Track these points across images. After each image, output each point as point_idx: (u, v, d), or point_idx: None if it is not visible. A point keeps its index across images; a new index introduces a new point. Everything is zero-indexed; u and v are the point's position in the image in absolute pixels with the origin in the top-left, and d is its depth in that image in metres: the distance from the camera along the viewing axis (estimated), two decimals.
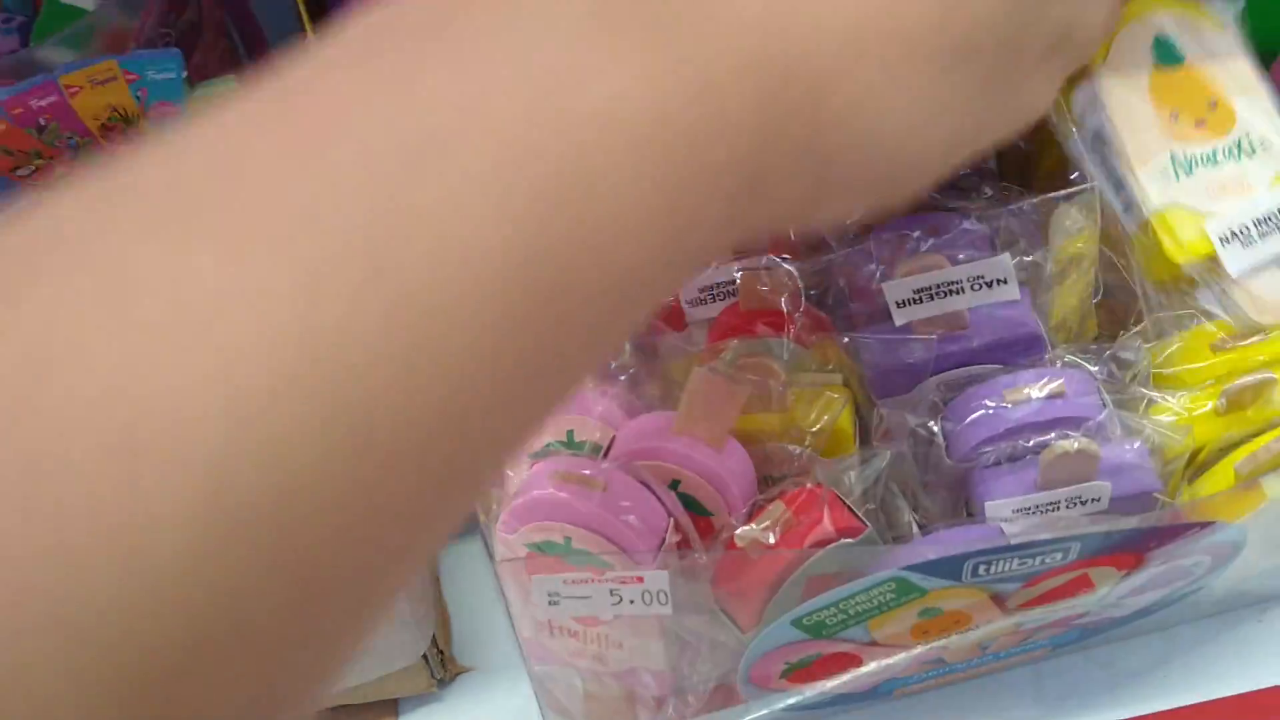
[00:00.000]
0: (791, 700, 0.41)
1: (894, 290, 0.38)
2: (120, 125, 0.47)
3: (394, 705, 0.46)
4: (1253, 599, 0.45)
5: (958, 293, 0.37)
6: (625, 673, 0.39)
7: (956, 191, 0.40)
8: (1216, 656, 0.44)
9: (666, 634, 0.37)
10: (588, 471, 0.35)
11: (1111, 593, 0.37)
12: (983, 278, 0.37)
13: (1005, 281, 0.37)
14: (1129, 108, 0.37)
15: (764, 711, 0.41)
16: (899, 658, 0.38)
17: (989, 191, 0.40)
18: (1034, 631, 0.40)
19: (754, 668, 0.37)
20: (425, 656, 0.44)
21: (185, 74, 0.47)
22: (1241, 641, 0.44)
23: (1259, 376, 0.34)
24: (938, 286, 0.37)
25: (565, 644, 0.38)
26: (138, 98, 0.47)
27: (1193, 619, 0.44)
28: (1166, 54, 0.38)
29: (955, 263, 0.37)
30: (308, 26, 0.46)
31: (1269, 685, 0.43)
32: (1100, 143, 0.38)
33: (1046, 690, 0.44)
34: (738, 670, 0.38)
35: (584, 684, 0.40)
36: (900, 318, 0.38)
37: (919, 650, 0.38)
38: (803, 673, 0.38)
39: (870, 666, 0.39)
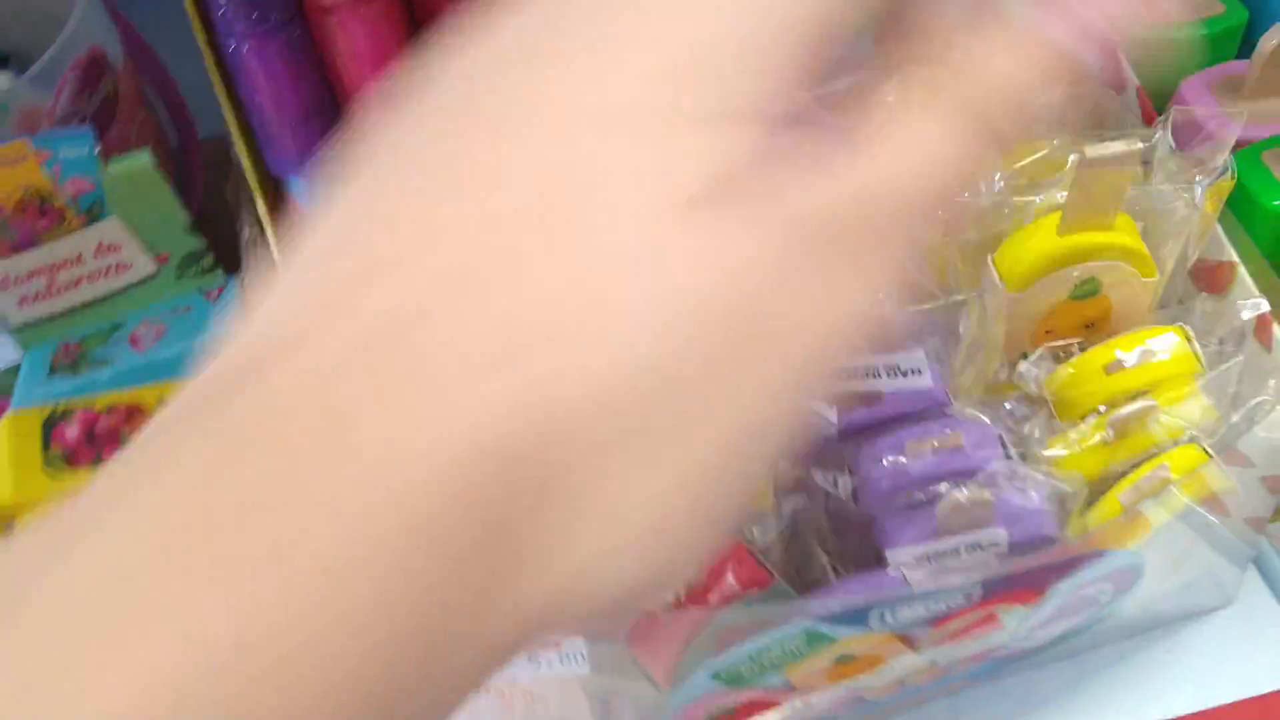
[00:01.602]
0: None
1: None
2: (35, 202, 0.47)
3: None
4: (1164, 619, 0.46)
5: (874, 376, 0.39)
6: None
7: None
8: (1127, 681, 0.46)
9: (590, 694, 0.38)
10: None
11: (1021, 626, 0.39)
12: (898, 367, 0.39)
13: (919, 372, 0.39)
14: None
15: None
16: (820, 698, 0.40)
17: None
18: (950, 667, 0.41)
19: (677, 717, 0.38)
20: None
21: (98, 150, 0.47)
22: (1152, 665, 0.46)
23: (1141, 404, 0.36)
24: (855, 368, 0.39)
25: (491, 705, 0.38)
26: (50, 176, 0.47)
27: (1104, 644, 0.46)
28: None
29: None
30: (219, 87, 0.46)
31: (1181, 714, 0.45)
32: None
33: None
34: None
35: None
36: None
37: (838, 692, 0.39)
38: (726, 718, 0.39)
39: (792, 708, 0.40)
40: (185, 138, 0.57)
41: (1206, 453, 0.38)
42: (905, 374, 0.37)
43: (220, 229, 0.52)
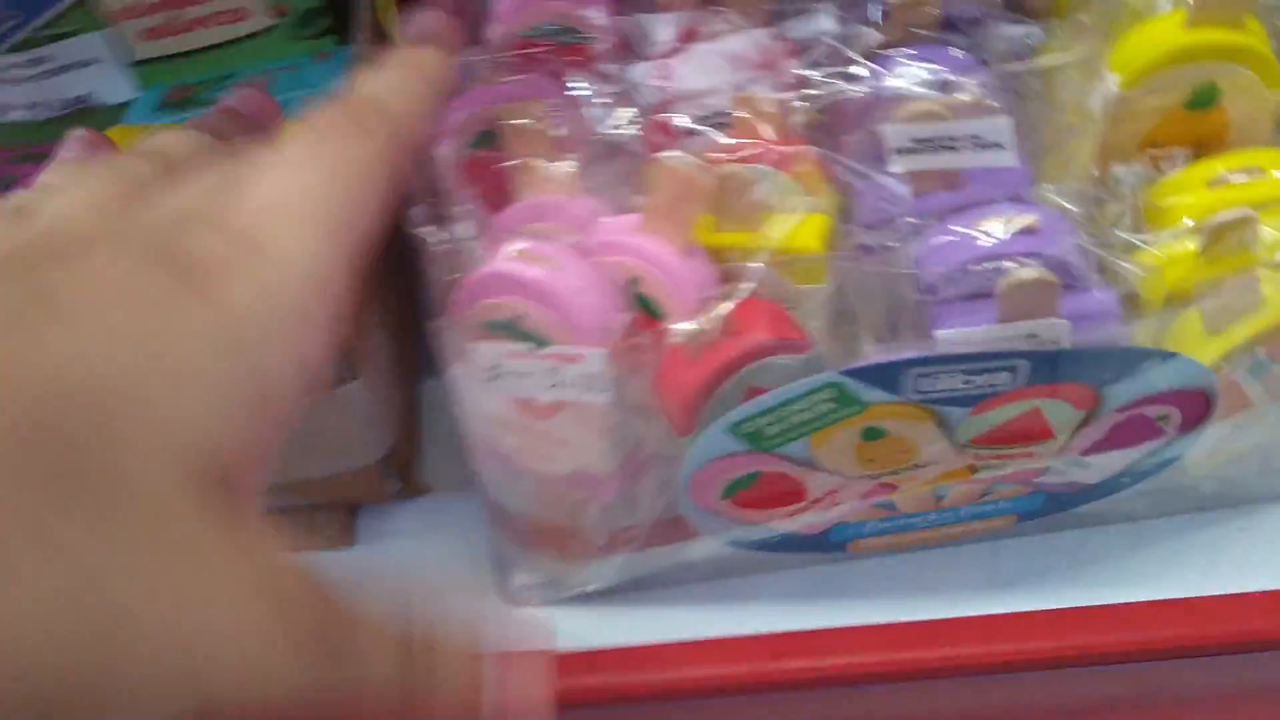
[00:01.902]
0: (740, 534, 0.40)
1: (894, 135, 0.37)
2: None
3: (351, 514, 0.46)
4: (1246, 497, 0.43)
5: (952, 149, 0.37)
6: (573, 479, 0.39)
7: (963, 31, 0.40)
8: (1189, 552, 0.43)
9: (610, 433, 0.37)
10: (548, 251, 0.35)
11: (1071, 441, 0.36)
12: (980, 138, 0.36)
13: (1001, 146, 0.36)
14: None
15: (711, 547, 0.41)
16: (847, 491, 0.38)
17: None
18: (992, 485, 0.39)
19: (693, 481, 0.37)
20: (381, 464, 0.44)
21: None
22: (1219, 541, 0.43)
23: (1239, 213, 0.33)
24: (936, 139, 0.37)
25: (512, 441, 0.38)
26: None
27: (1174, 512, 0.43)
28: None
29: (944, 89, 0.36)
30: None
31: (1232, 591, 0.41)
32: None
33: (1002, 569, 0.43)
34: (678, 483, 0.38)
35: (533, 495, 0.41)
36: (897, 165, 0.37)
37: (867, 483, 0.38)
38: (745, 495, 0.38)
39: (820, 500, 0.38)
40: None
41: None
42: (987, 146, 0.35)
43: None
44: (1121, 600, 0.42)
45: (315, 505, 0.45)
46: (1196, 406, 0.36)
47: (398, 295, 0.49)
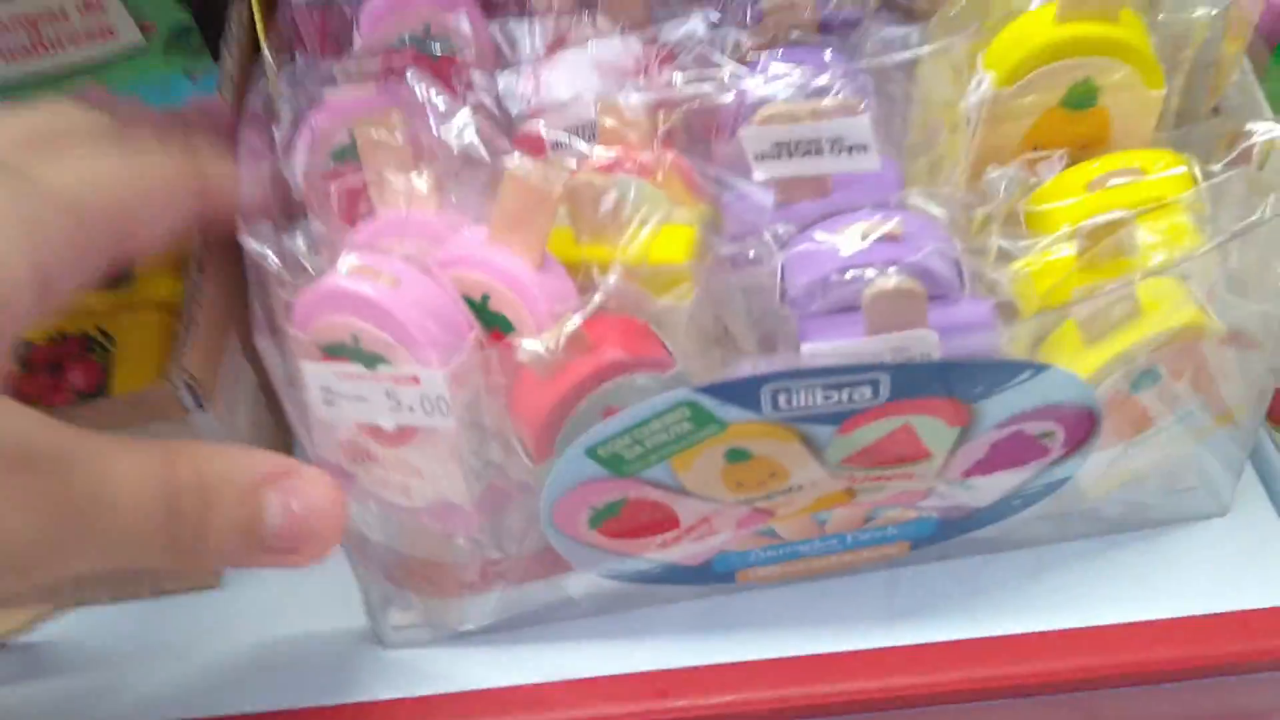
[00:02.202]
0: (616, 566, 0.38)
1: (753, 140, 0.35)
2: None
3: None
4: (1147, 521, 0.41)
5: (815, 152, 0.35)
6: (433, 510, 0.36)
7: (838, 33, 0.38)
8: (1090, 578, 0.41)
9: (465, 461, 0.34)
10: (385, 266, 0.33)
11: (950, 461, 0.34)
12: (842, 140, 0.34)
13: (865, 148, 0.34)
14: None
15: (591, 581, 0.39)
16: (721, 519, 0.36)
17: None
18: (875, 509, 0.37)
19: (556, 509, 0.35)
20: None
21: None
22: (1121, 566, 0.41)
23: (1116, 214, 0.31)
24: (796, 142, 0.35)
25: (365, 471, 0.36)
26: None
27: (1074, 538, 0.41)
28: None
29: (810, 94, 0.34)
30: None
31: (1138, 619, 0.39)
32: None
33: (899, 599, 0.41)
34: (543, 512, 0.35)
35: (394, 530, 0.38)
36: (760, 172, 0.35)
37: (741, 509, 0.35)
38: (614, 524, 0.36)
39: (694, 527, 0.36)
40: None
41: (1188, 290, 0.33)
42: (850, 149, 0.33)
43: (213, 11, 0.51)
44: (1022, 630, 0.40)
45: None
46: (1081, 422, 0.34)
47: None
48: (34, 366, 0.41)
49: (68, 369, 0.40)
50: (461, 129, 0.39)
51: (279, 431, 0.46)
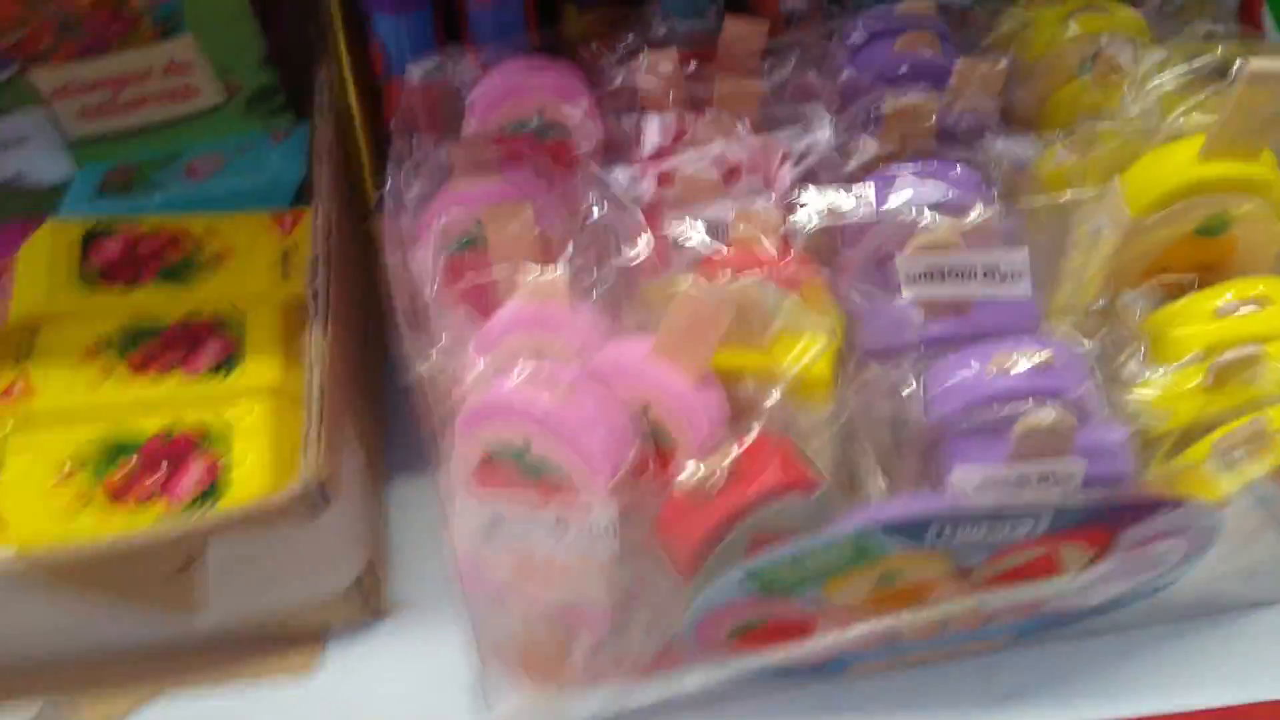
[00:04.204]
0: (739, 664, 0.39)
1: (906, 266, 0.36)
2: (110, 3, 0.46)
3: (321, 636, 0.43)
4: (1223, 605, 0.43)
5: (969, 277, 0.35)
6: (564, 611, 0.37)
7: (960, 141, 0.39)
8: (1174, 663, 0.42)
9: (608, 574, 0.35)
10: (557, 376, 0.33)
11: (1080, 576, 0.35)
12: (998, 269, 0.35)
13: (1019, 278, 0.35)
14: None
15: (707, 677, 0.40)
16: (855, 627, 0.37)
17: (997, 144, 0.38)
18: (995, 615, 0.38)
19: (701, 623, 0.35)
20: (359, 583, 0.42)
21: None
22: (1204, 651, 0.42)
23: (1248, 350, 0.33)
24: (950, 269, 0.35)
25: (503, 570, 0.36)
26: None
27: (1156, 623, 0.43)
28: None
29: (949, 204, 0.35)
30: None
31: (1219, 705, 0.41)
32: None
33: (999, 682, 0.42)
34: (682, 624, 0.36)
35: (521, 624, 0.38)
36: (909, 293, 0.36)
37: (877, 620, 0.36)
38: (752, 635, 0.36)
39: (827, 636, 0.37)
40: None
41: None
42: (1004, 278, 0.34)
43: (296, 70, 0.50)
44: (1118, 714, 0.41)
45: (284, 635, 0.42)
46: (1203, 538, 0.35)
47: (366, 398, 0.46)
48: (146, 462, 0.40)
49: (180, 467, 0.40)
50: (588, 221, 0.39)
51: (378, 517, 0.46)
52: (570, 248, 0.39)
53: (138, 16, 0.46)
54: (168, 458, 0.40)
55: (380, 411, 0.49)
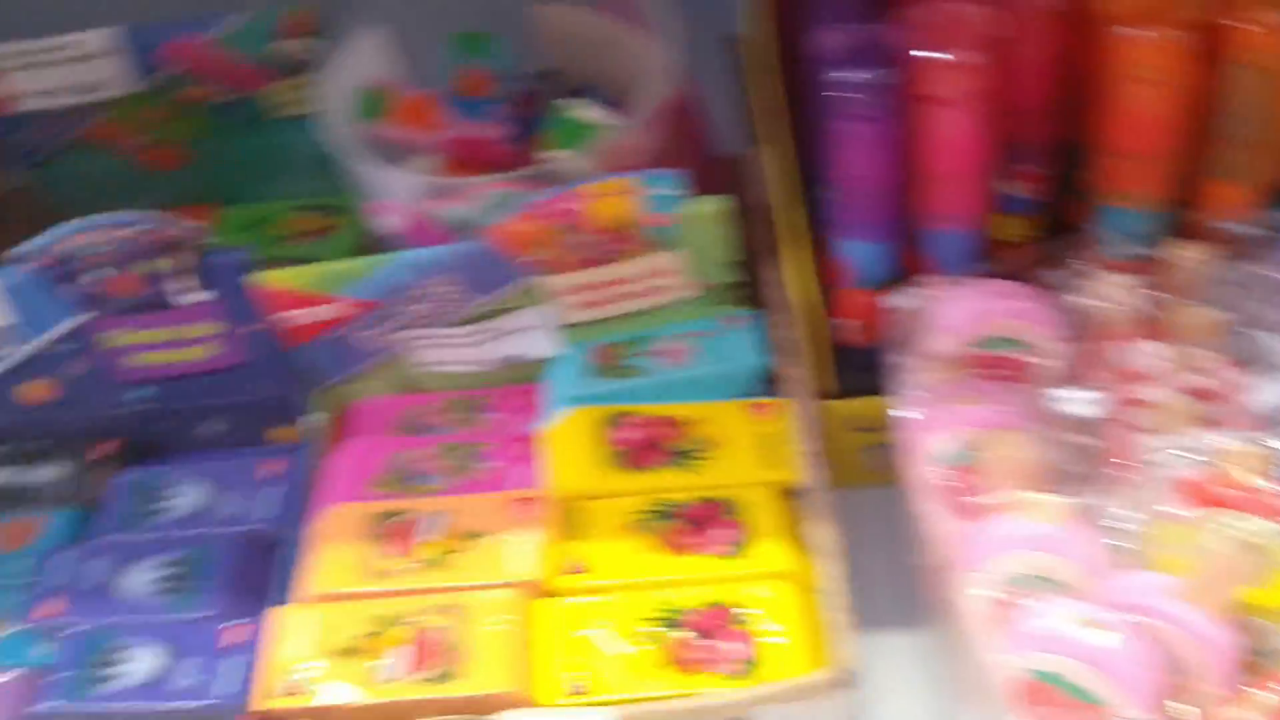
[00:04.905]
0: None
1: None
2: (618, 228, 0.54)
3: None
4: None
5: None
6: None
7: None
8: None
9: None
10: (1109, 618, 0.40)
11: None
12: None
13: None
14: None
15: None
16: None
17: None
18: None
19: None
20: None
21: (682, 191, 0.53)
22: None
23: None
24: None
25: None
26: (640, 208, 0.53)
27: None
28: None
29: None
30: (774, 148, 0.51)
31: None
32: None
33: None
34: None
35: None
36: None
37: None
38: None
39: None
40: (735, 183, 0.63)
41: None
42: None
43: (749, 266, 0.58)
44: None
45: None
46: None
47: None
48: (692, 634, 0.48)
49: (720, 640, 0.48)
50: (1070, 443, 0.46)
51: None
52: (1057, 471, 0.46)
53: (637, 236, 0.55)
54: (708, 631, 0.48)
55: None
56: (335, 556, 0.52)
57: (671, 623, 0.49)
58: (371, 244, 0.65)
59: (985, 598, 0.44)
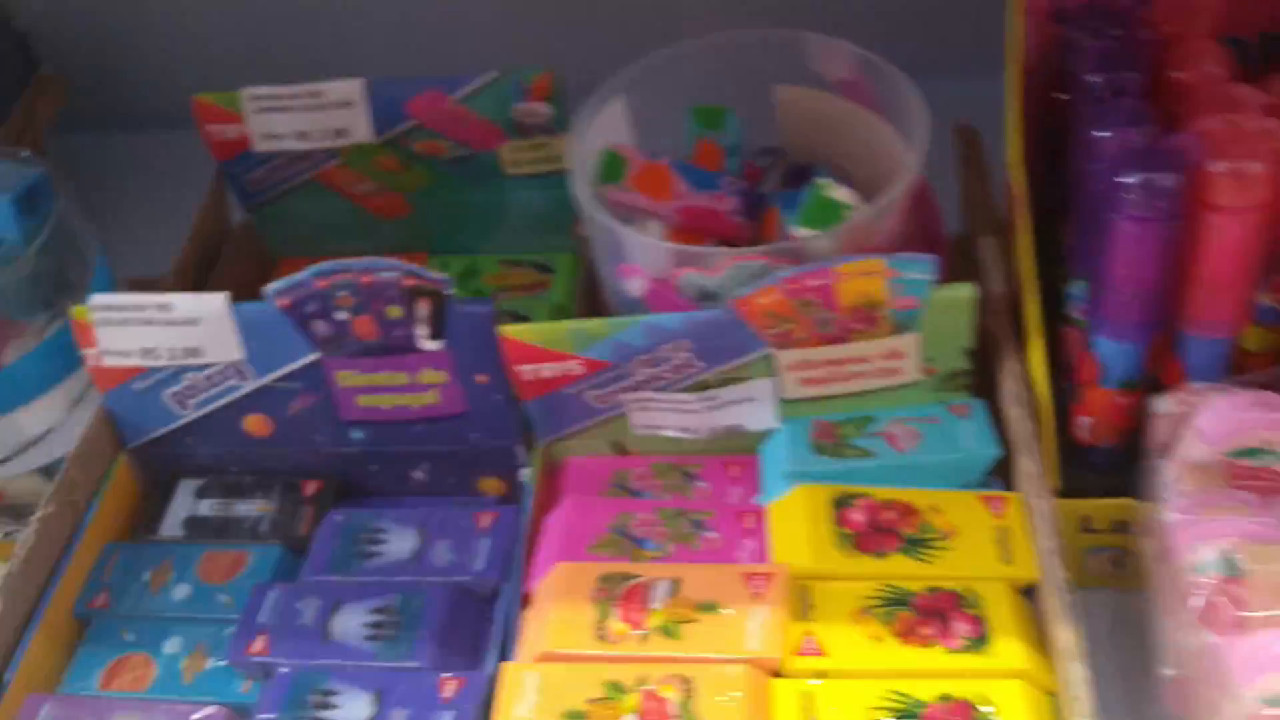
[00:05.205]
0: None
1: None
2: (865, 309, 0.54)
3: None
4: None
5: None
6: None
7: None
8: None
9: None
10: None
11: None
12: None
13: None
14: None
15: None
16: None
17: None
18: None
19: None
20: None
21: (932, 276, 0.53)
22: None
23: None
24: None
25: None
26: (889, 290, 0.53)
27: None
28: None
29: None
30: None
31: None
32: None
33: None
34: None
35: None
36: None
37: None
38: None
39: None
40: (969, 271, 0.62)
41: None
42: None
43: (978, 355, 0.58)
44: None
45: None
46: None
47: None
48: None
49: None
50: None
51: None
52: None
53: (881, 319, 0.55)
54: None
55: None
56: (564, 616, 0.51)
57: (906, 714, 0.48)
58: (582, 303, 0.66)
59: (1247, 717, 0.43)
